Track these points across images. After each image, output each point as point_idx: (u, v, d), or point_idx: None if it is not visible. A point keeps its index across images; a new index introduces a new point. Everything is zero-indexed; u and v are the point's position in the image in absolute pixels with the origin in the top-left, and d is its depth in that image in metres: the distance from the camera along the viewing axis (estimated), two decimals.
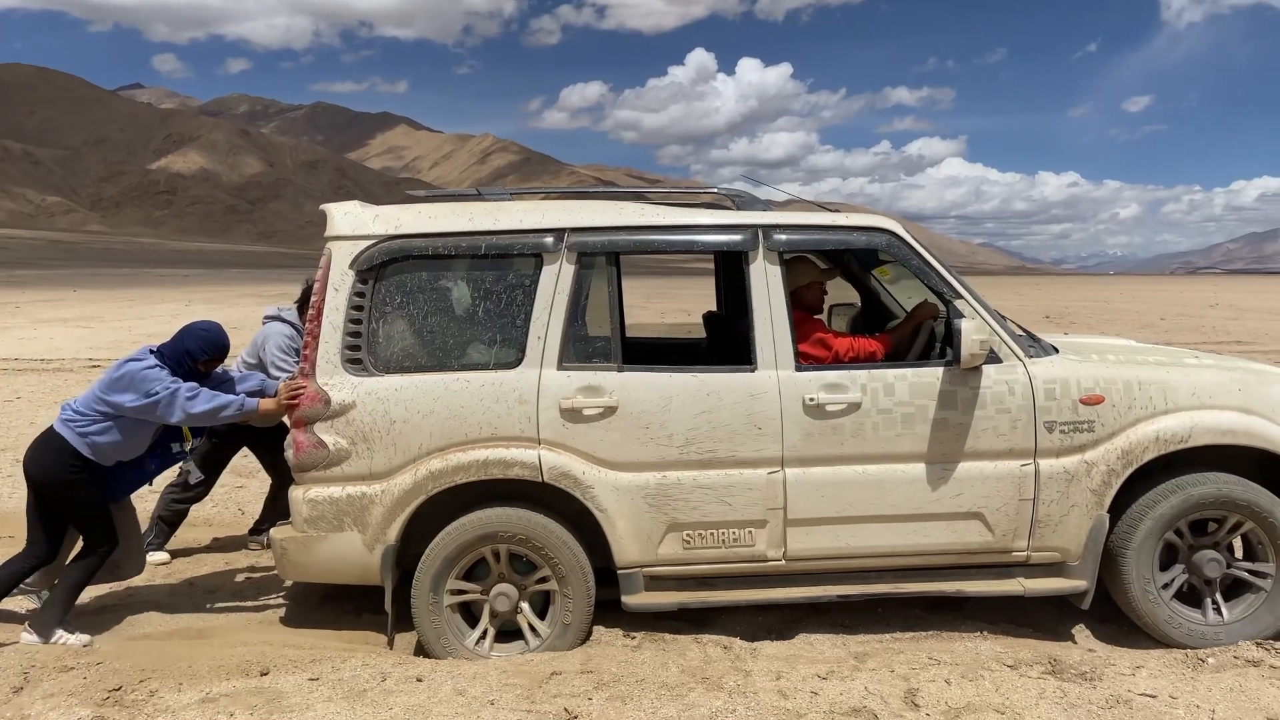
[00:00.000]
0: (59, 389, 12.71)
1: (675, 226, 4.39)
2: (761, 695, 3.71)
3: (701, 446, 4.17)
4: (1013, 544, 4.26)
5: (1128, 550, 4.21)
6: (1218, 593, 4.32)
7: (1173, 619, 4.23)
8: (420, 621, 4.16)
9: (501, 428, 4.14)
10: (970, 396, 4.18)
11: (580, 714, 3.54)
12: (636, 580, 4.24)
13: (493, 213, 4.33)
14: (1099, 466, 4.18)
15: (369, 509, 4.15)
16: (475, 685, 3.78)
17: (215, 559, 5.89)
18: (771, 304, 4.26)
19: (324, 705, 3.66)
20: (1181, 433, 4.18)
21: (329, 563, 4.22)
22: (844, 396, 4.18)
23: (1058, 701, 3.68)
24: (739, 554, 4.25)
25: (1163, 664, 4.06)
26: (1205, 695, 3.73)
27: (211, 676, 3.96)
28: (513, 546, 4.17)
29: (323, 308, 4.20)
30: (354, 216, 4.31)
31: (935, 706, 3.64)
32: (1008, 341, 4.27)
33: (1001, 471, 4.20)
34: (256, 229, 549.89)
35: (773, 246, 4.30)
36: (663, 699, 3.66)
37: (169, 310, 31.74)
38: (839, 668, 3.99)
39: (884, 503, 4.21)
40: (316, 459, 4.15)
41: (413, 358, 4.23)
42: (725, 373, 4.23)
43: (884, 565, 4.32)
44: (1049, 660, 4.07)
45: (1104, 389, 4.21)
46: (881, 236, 4.36)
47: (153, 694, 3.82)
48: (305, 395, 4.14)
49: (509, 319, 4.24)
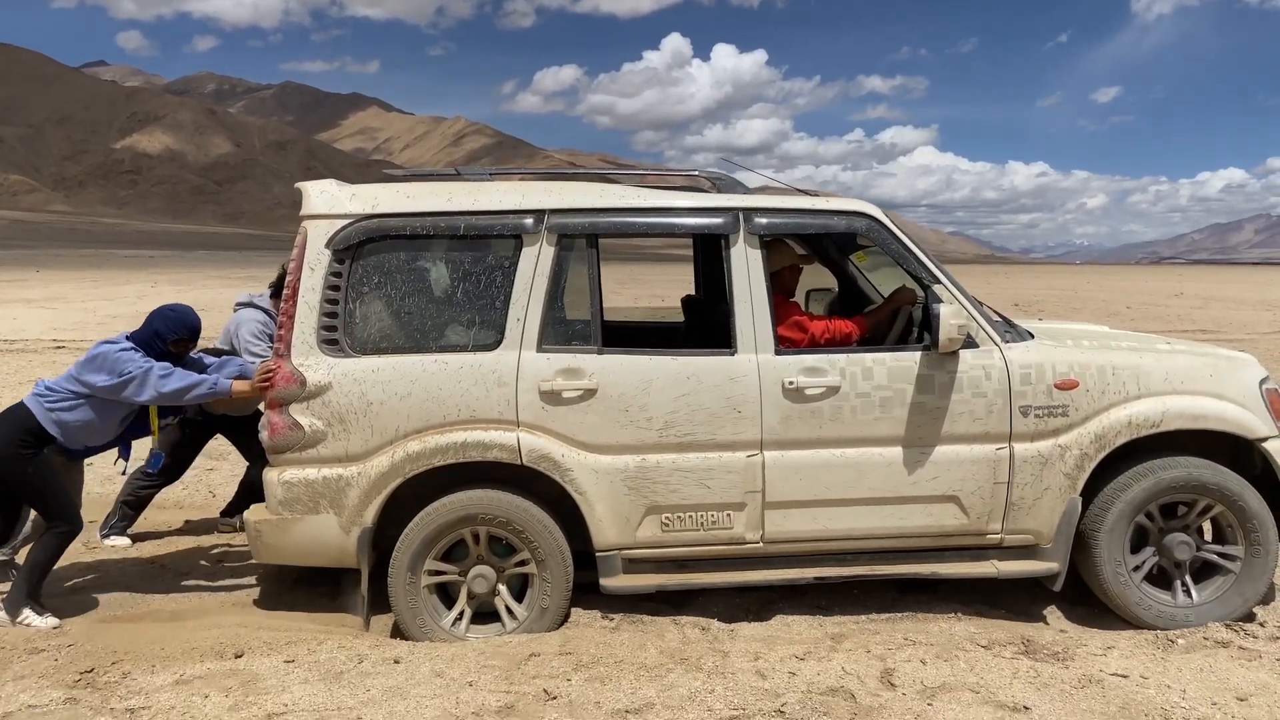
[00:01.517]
0: (23, 369, 12.53)
1: (656, 209, 4.37)
2: (740, 675, 3.73)
3: (681, 429, 4.17)
4: (987, 527, 4.30)
5: (1099, 533, 4.26)
6: (1187, 575, 4.39)
7: (1143, 601, 4.29)
8: (397, 602, 4.15)
9: (480, 410, 4.12)
10: (947, 381, 4.21)
11: (559, 695, 3.55)
12: (615, 563, 4.24)
13: (472, 193, 4.30)
14: (1072, 450, 4.23)
15: (345, 491, 4.11)
16: (453, 667, 3.77)
17: (187, 541, 5.82)
18: (752, 287, 4.26)
19: (300, 687, 3.64)
20: (1154, 417, 4.23)
21: (304, 545, 4.18)
22: (823, 380, 4.19)
23: (1031, 681, 3.73)
24: (717, 536, 4.26)
25: (1133, 645, 4.13)
26: (1176, 675, 3.79)
27: (185, 658, 3.93)
28: (492, 529, 4.16)
29: (298, 287, 4.15)
30: (330, 195, 4.26)
31: (911, 686, 3.68)
32: (984, 327, 4.30)
33: (977, 455, 4.24)
34: (224, 210, 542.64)
35: (753, 230, 4.29)
36: (641, 680, 3.67)
37: (134, 292, 31.33)
38: (816, 648, 4.02)
39: (861, 486, 4.24)
40: (292, 440, 4.10)
41: (390, 339, 4.20)
42: (705, 356, 4.23)
43: (861, 548, 4.34)
44: (1022, 641, 4.13)
45: (1078, 374, 4.25)
46: (861, 220, 4.37)
47: (125, 676, 3.78)
48: (280, 376, 4.10)
49: (488, 300, 4.22)
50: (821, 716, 3.42)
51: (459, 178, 4.52)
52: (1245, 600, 4.32)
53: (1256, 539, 4.28)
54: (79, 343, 15.80)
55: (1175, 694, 3.64)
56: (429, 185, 4.40)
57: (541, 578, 4.19)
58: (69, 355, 14.11)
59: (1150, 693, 3.65)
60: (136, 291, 31.31)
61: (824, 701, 3.53)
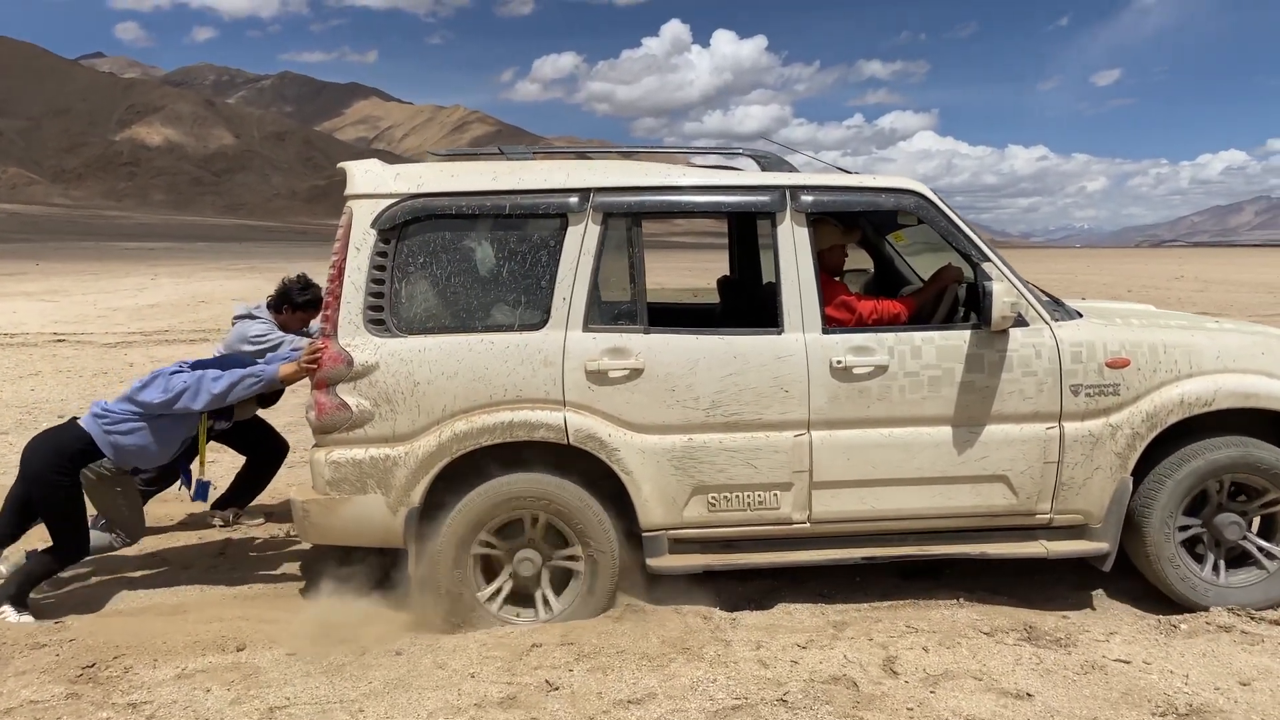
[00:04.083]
0: (23, 363, 12.51)
1: (701, 187, 4.33)
2: (742, 665, 3.73)
3: (728, 409, 4.14)
4: (1036, 506, 4.28)
5: (1150, 513, 4.23)
6: (1224, 556, 4.36)
7: (1182, 572, 4.26)
8: (440, 573, 4.11)
9: (526, 390, 4.09)
10: (997, 360, 4.18)
11: (561, 685, 3.53)
12: (661, 543, 4.22)
13: (516, 171, 4.26)
14: (1123, 430, 4.20)
15: (393, 471, 4.09)
16: (455, 658, 3.76)
17: (188, 535, 5.75)
18: (799, 266, 4.22)
19: (302, 680, 3.63)
20: (1206, 396, 4.20)
21: (351, 525, 4.16)
22: (871, 359, 4.16)
23: (1034, 667, 3.73)
24: (764, 516, 4.24)
25: (1136, 630, 4.12)
26: (1179, 661, 3.79)
27: (187, 652, 3.91)
28: (549, 516, 4.14)
29: (344, 267, 4.12)
30: (375, 175, 4.23)
31: (914, 674, 3.68)
32: (1034, 305, 4.27)
33: (1027, 434, 4.21)
34: (223, 201, 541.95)
35: (800, 208, 4.26)
36: (643, 669, 3.66)
37: (134, 284, 31.21)
38: (818, 637, 4.02)
39: (909, 465, 4.21)
40: (339, 420, 4.08)
41: (436, 318, 4.17)
42: (752, 335, 4.20)
43: (908, 528, 4.32)
44: (1025, 627, 4.12)
45: (1129, 352, 4.22)
46: (910, 198, 4.33)
47: (127, 670, 3.76)
48: (327, 356, 4.07)
49: (533, 280, 4.18)
50: (824, 705, 3.41)
51: (502, 156, 4.49)
52: (1269, 599, 4.28)
53: None
54: (79, 336, 15.72)
55: (1178, 679, 3.63)
56: (473, 164, 4.36)
57: (589, 570, 4.16)
58: (69, 349, 14.06)
59: (1153, 678, 3.64)
60: (137, 284, 31.20)
61: (826, 690, 3.53)
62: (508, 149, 4.52)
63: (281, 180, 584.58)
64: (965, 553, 4.26)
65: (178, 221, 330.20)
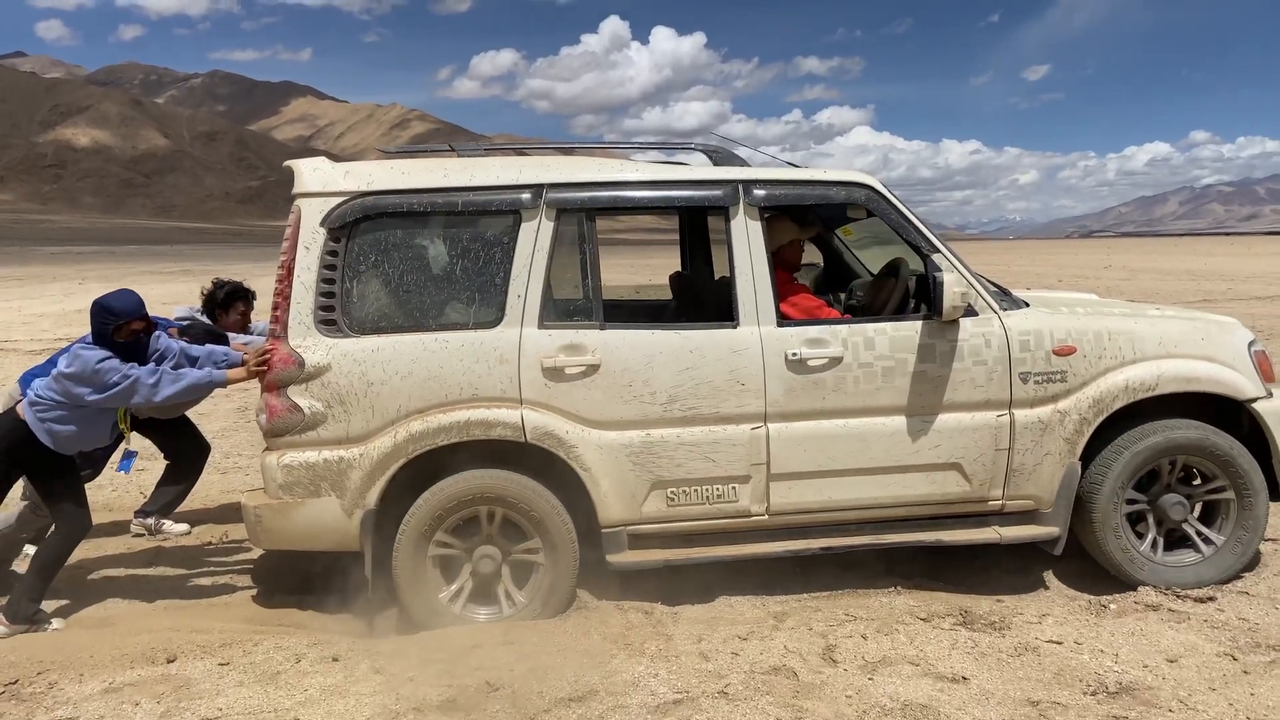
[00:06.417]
0: None
1: (655, 182, 4.34)
2: (683, 658, 3.75)
3: (685, 403, 4.14)
4: (989, 493, 4.35)
5: (1097, 496, 4.33)
6: (1163, 534, 4.46)
7: (1125, 546, 4.36)
8: (400, 573, 4.07)
9: (482, 388, 4.05)
10: (948, 349, 4.25)
11: (502, 685, 3.52)
12: (620, 539, 4.22)
13: (468, 168, 4.22)
14: (1071, 415, 4.29)
15: (347, 473, 4.03)
16: (394, 663, 3.73)
17: (115, 544, 5.57)
18: (753, 259, 4.24)
19: (235, 690, 3.56)
20: (1149, 381, 4.31)
21: (305, 529, 4.08)
22: (825, 351, 4.20)
23: (969, 651, 3.82)
24: (722, 510, 4.25)
25: (1067, 612, 4.23)
26: (1109, 640, 3.90)
27: (114, 666, 3.81)
28: (507, 511, 4.11)
29: (293, 267, 4.04)
30: (323, 172, 4.15)
31: (853, 661, 3.74)
32: (983, 295, 4.34)
33: (978, 422, 4.28)
34: (154, 203, 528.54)
35: (753, 202, 4.28)
36: (585, 667, 3.66)
37: (61, 289, 30.28)
38: (759, 628, 4.06)
39: (865, 455, 4.25)
40: (291, 423, 4.00)
41: (389, 318, 4.11)
42: (707, 329, 4.21)
43: (865, 517, 4.37)
44: (960, 612, 4.21)
45: (1075, 340, 4.31)
46: (860, 191, 4.38)
47: (52, 686, 3.66)
48: (277, 358, 3.99)
49: (487, 277, 4.15)
50: (764, 696, 3.44)
51: (453, 153, 4.44)
52: (1199, 581, 4.39)
53: (1243, 528, 4.38)
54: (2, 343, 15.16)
55: (1108, 658, 3.74)
56: (424, 161, 4.31)
57: (550, 562, 4.14)
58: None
59: (1084, 658, 3.75)
60: (64, 289, 30.26)
61: (767, 681, 3.57)
62: (459, 146, 4.48)
63: (214, 181, 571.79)
64: (921, 540, 4.32)
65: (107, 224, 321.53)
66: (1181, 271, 35.77)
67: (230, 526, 5.76)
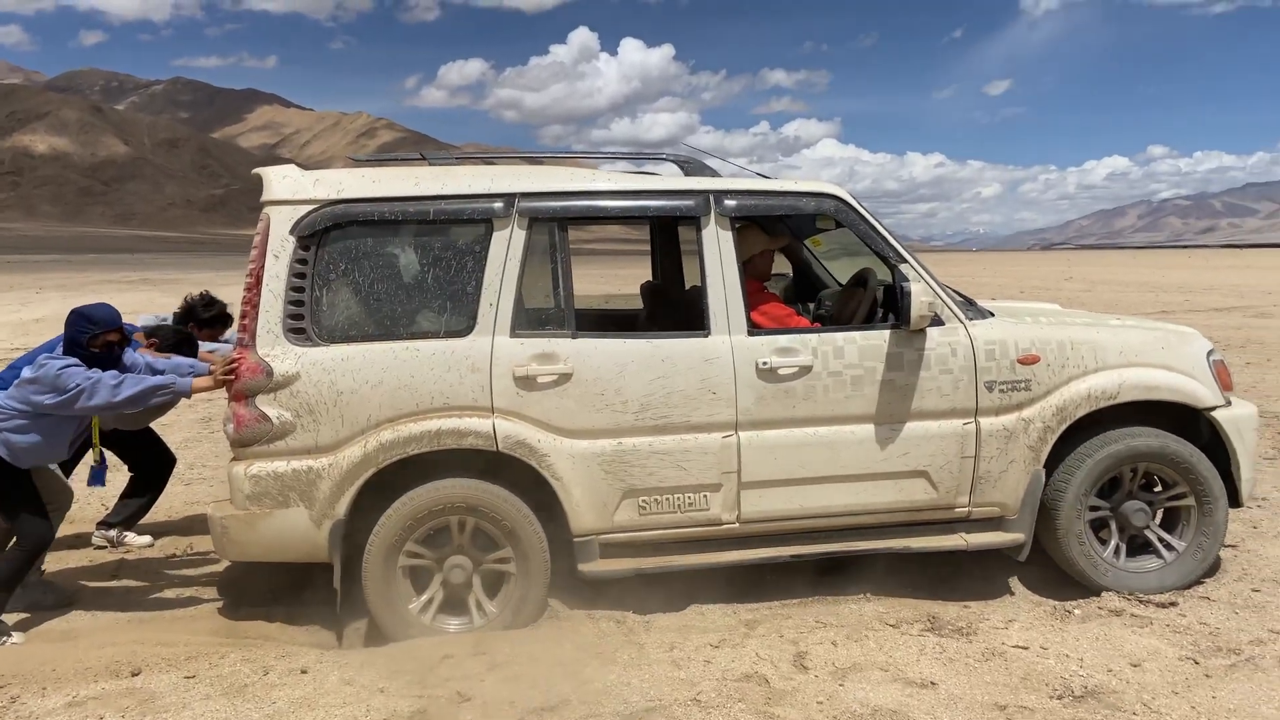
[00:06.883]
0: None
1: (626, 192, 4.36)
2: (655, 667, 3.77)
3: (656, 412, 4.16)
4: (955, 500, 4.41)
5: (1061, 503, 4.40)
6: (1125, 540, 4.54)
7: (1089, 552, 4.43)
8: (370, 584, 4.04)
9: (454, 397, 4.04)
10: (916, 358, 4.30)
11: (474, 695, 3.51)
12: (592, 548, 4.22)
13: (439, 177, 4.22)
14: (1035, 423, 4.36)
15: (316, 483, 3.99)
16: (364, 674, 3.71)
17: (78, 556, 5.47)
18: (724, 269, 4.27)
19: (202, 704, 3.52)
20: (1111, 389, 4.38)
21: (274, 540, 4.04)
22: (795, 360, 4.23)
23: (937, 656, 3.87)
24: (694, 518, 4.27)
25: (1033, 617, 4.30)
26: (1073, 645, 3.96)
27: (78, 679, 3.75)
28: (478, 520, 4.09)
29: (261, 275, 4.01)
30: (293, 180, 4.13)
31: (823, 668, 3.77)
32: (949, 305, 4.40)
33: (945, 430, 4.34)
34: (114, 211, 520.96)
35: (724, 212, 4.31)
36: (556, 676, 3.66)
37: (17, 298, 29.68)
38: (730, 636, 4.09)
39: (835, 463, 4.29)
40: (259, 433, 3.97)
41: (359, 326, 4.09)
42: (679, 338, 4.23)
43: (835, 525, 4.40)
44: (928, 618, 4.26)
45: (1039, 349, 4.38)
46: (829, 201, 4.43)
47: (14, 700, 3.60)
48: (245, 367, 3.96)
49: (459, 286, 4.14)
50: (737, 703, 3.47)
51: (425, 161, 4.43)
52: (1161, 586, 4.47)
53: (1203, 534, 4.46)
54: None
55: (1073, 663, 3.81)
56: (395, 170, 4.31)
57: (521, 572, 4.13)
58: None
59: (1050, 662, 3.81)
60: (20, 298, 29.67)
61: (739, 688, 3.59)
62: (431, 154, 4.47)
63: (176, 189, 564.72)
64: (890, 547, 4.37)
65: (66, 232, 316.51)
66: (1140, 284, 36.43)
67: (195, 538, 5.69)
